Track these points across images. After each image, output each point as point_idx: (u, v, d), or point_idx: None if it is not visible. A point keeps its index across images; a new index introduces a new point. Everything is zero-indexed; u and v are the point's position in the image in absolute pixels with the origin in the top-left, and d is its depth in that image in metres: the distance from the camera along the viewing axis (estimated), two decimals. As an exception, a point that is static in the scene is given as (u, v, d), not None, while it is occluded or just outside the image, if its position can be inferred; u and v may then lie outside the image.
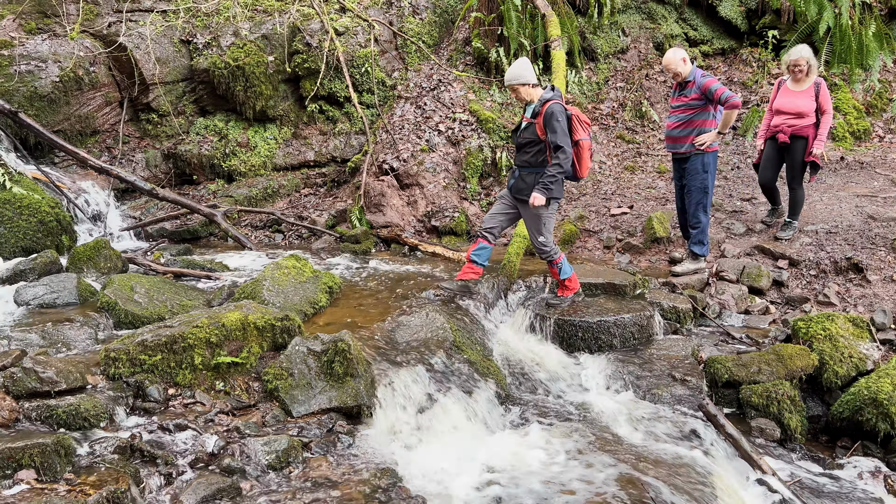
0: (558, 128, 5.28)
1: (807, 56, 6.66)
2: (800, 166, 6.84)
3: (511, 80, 5.47)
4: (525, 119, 5.61)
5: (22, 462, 3.22)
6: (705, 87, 6.08)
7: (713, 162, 6.35)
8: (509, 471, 4.06)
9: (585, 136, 5.50)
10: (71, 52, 9.25)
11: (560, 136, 5.28)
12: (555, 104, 5.34)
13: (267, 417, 4.05)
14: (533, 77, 5.46)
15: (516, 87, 5.47)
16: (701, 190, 6.38)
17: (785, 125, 6.77)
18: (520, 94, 5.49)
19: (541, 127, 5.38)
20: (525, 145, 5.55)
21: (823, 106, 6.63)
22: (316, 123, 10.38)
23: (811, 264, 6.53)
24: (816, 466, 4.54)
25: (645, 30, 11.27)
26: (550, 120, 5.30)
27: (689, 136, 6.29)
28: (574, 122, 5.43)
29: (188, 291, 5.72)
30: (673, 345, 5.57)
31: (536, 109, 5.44)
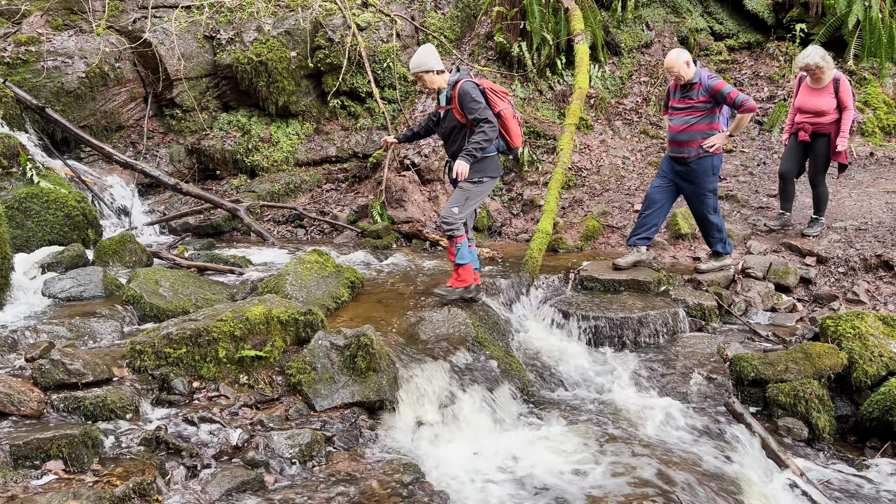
0: (476, 105, 5.04)
1: (816, 59, 6.51)
2: (822, 163, 6.73)
3: (415, 68, 5.21)
4: (441, 108, 5.36)
5: (50, 453, 3.26)
6: (715, 90, 5.81)
7: (720, 164, 6.16)
8: (532, 468, 4.03)
9: (506, 106, 5.22)
10: (97, 48, 9.35)
11: (481, 111, 5.03)
12: (465, 83, 5.10)
13: (290, 411, 4.06)
14: (438, 63, 5.19)
15: (421, 76, 5.21)
16: (712, 193, 6.16)
17: (806, 123, 6.70)
18: (426, 82, 5.22)
19: (459, 111, 5.15)
20: (451, 134, 5.31)
21: (844, 102, 6.50)
22: (338, 119, 10.40)
23: (840, 261, 6.42)
24: (845, 467, 4.46)
25: (669, 24, 11.14)
26: (465, 100, 5.06)
27: (696, 140, 6.00)
28: (490, 95, 5.16)
29: (212, 285, 5.75)
30: (698, 342, 5.50)
31: (449, 94, 5.20)
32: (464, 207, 5.24)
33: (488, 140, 5.06)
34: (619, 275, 6.18)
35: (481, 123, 5.04)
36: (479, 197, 5.33)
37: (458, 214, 5.21)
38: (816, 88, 6.63)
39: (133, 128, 9.94)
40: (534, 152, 9.02)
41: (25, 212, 6.61)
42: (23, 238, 6.44)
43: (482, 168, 5.23)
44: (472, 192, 5.27)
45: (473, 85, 5.10)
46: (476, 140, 5.04)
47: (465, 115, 5.12)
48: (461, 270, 5.39)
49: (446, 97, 5.23)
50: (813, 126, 6.65)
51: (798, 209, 7.61)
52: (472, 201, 5.31)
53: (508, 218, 8.61)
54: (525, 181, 8.91)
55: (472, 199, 5.29)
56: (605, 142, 9.54)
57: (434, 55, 5.20)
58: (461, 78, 5.14)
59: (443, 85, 5.24)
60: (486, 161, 5.25)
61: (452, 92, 5.14)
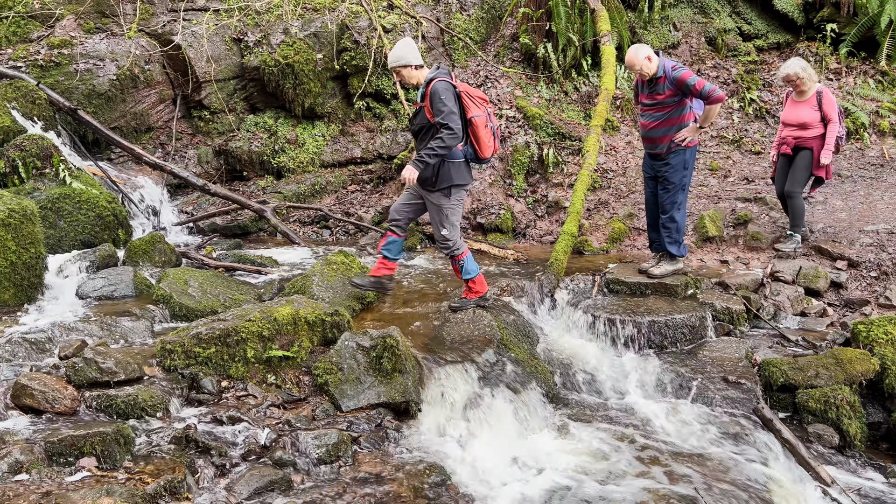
0: (443, 107, 4.79)
1: (796, 69, 6.41)
2: (801, 176, 6.54)
3: (393, 63, 5.00)
4: (415, 104, 5.18)
5: (84, 450, 3.32)
6: (681, 82, 5.54)
7: (693, 157, 5.91)
8: (557, 472, 4.02)
9: (480, 113, 4.97)
10: (127, 50, 9.49)
11: (446, 114, 4.78)
12: (438, 82, 4.86)
13: (317, 411, 4.09)
14: (416, 58, 4.97)
15: (399, 70, 5.00)
16: (680, 188, 5.92)
17: (790, 137, 6.57)
18: (403, 77, 5.03)
19: (429, 110, 4.91)
20: (420, 132, 5.07)
21: (828, 114, 6.37)
22: (363, 120, 10.45)
23: (872, 265, 6.31)
24: (877, 475, 4.39)
25: (697, 24, 11.03)
26: (434, 100, 4.83)
27: (667, 136, 5.80)
28: (465, 100, 4.93)
29: (240, 286, 5.82)
30: (726, 346, 5.44)
31: (422, 91, 4.98)
32: (449, 223, 5.09)
33: (445, 148, 4.82)
34: (645, 278, 6.13)
35: (442, 129, 4.82)
36: (455, 209, 5.13)
37: (450, 234, 5.10)
38: (800, 101, 6.53)
39: (162, 129, 10.08)
40: (559, 154, 8.99)
41: (58, 212, 6.73)
42: (55, 238, 6.57)
43: (448, 176, 5.01)
44: (446, 207, 5.08)
45: (447, 85, 4.87)
46: (431, 146, 4.82)
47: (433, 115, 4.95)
48: (472, 283, 5.35)
49: (421, 94, 5.03)
50: (796, 140, 6.53)
51: (829, 212, 7.49)
52: (453, 214, 5.12)
53: (533, 219, 8.59)
54: (550, 183, 8.88)
55: (452, 213, 5.10)
56: (631, 143, 9.47)
57: (413, 49, 5.01)
58: (437, 76, 4.92)
59: (420, 81, 5.03)
60: (454, 169, 5.02)
61: (426, 89, 4.93)
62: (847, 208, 7.52)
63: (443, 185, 5.02)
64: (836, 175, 8.52)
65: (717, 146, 9.51)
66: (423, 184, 5.07)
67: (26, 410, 3.68)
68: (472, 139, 5.05)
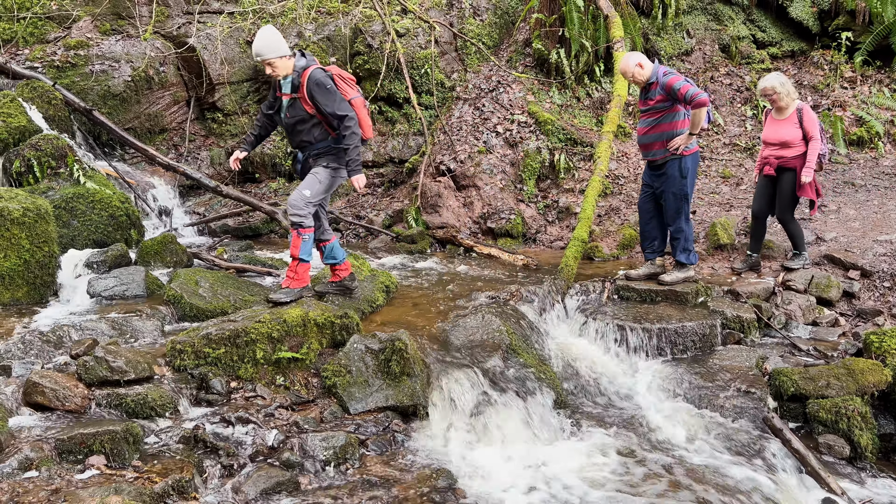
0: (332, 97, 4.68)
1: (775, 84, 6.22)
2: (788, 200, 6.36)
3: (267, 54, 4.71)
4: (284, 95, 4.89)
5: (93, 448, 3.34)
6: (668, 86, 5.51)
7: (693, 165, 5.82)
8: (564, 479, 4.01)
9: (356, 94, 4.91)
10: (142, 52, 9.57)
11: (337, 102, 4.71)
12: (315, 70, 4.72)
13: (325, 413, 4.10)
14: (286, 46, 4.77)
15: (273, 62, 4.74)
16: (680, 197, 5.83)
17: (772, 157, 6.36)
18: (276, 68, 4.77)
19: (307, 100, 4.75)
20: (296, 125, 4.89)
21: (809, 132, 6.15)
22: (375, 124, 10.48)
23: (885, 275, 6.26)
24: (888, 487, 4.33)
25: (710, 31, 11.00)
26: (318, 89, 4.68)
27: (659, 142, 5.76)
28: (339, 83, 4.82)
29: (250, 287, 5.84)
30: (736, 355, 5.40)
31: (296, 81, 4.78)
32: (314, 193, 4.90)
33: (357, 137, 4.78)
34: (656, 284, 6.11)
35: (343, 121, 4.73)
36: (332, 188, 5.03)
37: (310, 199, 4.88)
38: (780, 119, 6.31)
39: (175, 131, 10.15)
40: (570, 159, 8.98)
41: (72, 211, 6.79)
42: (69, 237, 6.62)
43: (338, 158, 4.95)
44: (323, 179, 4.93)
45: (324, 73, 4.76)
46: (353, 145, 4.77)
47: (316, 106, 4.76)
48: (300, 268, 5.04)
49: (292, 84, 4.82)
50: (778, 160, 6.31)
51: (842, 221, 7.44)
52: (324, 189, 4.97)
53: (543, 225, 8.58)
54: (561, 188, 8.87)
55: (323, 184, 4.94)
56: (642, 150, 9.45)
57: (281, 38, 4.78)
58: (310, 64, 4.76)
59: (290, 71, 4.81)
60: (340, 155, 4.94)
61: (301, 79, 4.75)
62: (860, 217, 7.47)
63: (333, 162, 4.98)
64: (850, 184, 8.46)
65: (730, 154, 9.47)
66: (317, 158, 4.99)
67: (37, 408, 3.71)
68: None
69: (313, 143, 4.94)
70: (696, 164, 5.90)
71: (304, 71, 4.74)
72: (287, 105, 4.89)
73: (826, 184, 8.50)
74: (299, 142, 4.99)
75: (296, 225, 4.90)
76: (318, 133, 4.91)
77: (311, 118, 4.82)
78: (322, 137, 4.94)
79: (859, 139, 9.16)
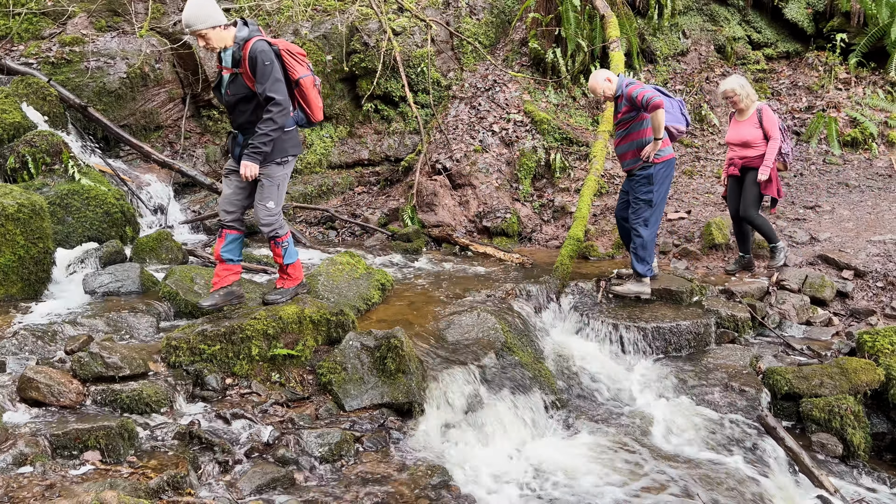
0: (268, 72, 4.19)
1: (734, 86, 6.33)
2: (752, 198, 6.39)
3: (198, 24, 4.17)
4: (225, 70, 4.40)
5: (88, 443, 3.34)
6: (629, 96, 5.57)
7: (664, 173, 5.78)
8: (557, 475, 4.02)
9: (306, 72, 4.45)
10: (138, 49, 9.54)
11: (271, 82, 4.20)
12: (258, 42, 4.23)
13: (320, 410, 4.10)
14: (223, 15, 4.25)
15: (205, 34, 4.21)
16: (644, 202, 5.78)
17: (736, 157, 6.47)
18: (211, 41, 4.25)
19: (250, 76, 4.27)
20: (238, 104, 4.40)
21: (769, 131, 6.26)
22: (371, 122, 10.48)
23: (878, 276, 6.29)
24: (881, 486, 4.37)
25: (706, 32, 11.03)
26: (257, 64, 4.18)
27: (630, 151, 5.81)
28: (287, 58, 4.36)
29: (245, 284, 5.82)
30: (730, 354, 5.43)
31: (237, 55, 4.28)
32: (278, 197, 4.53)
33: (277, 129, 4.30)
34: (651, 283, 6.12)
35: (269, 106, 4.24)
36: (286, 179, 4.61)
37: (276, 209, 4.52)
38: (741, 120, 6.43)
39: (171, 128, 10.12)
40: (566, 159, 9.00)
41: (67, 208, 6.77)
42: (63, 233, 6.60)
43: (283, 148, 4.47)
44: (277, 177, 4.50)
45: (267, 45, 4.27)
46: (264, 131, 4.26)
47: (256, 82, 4.27)
48: (290, 269, 4.77)
49: (233, 58, 4.32)
50: (742, 160, 6.42)
51: (836, 222, 7.48)
52: (283, 186, 4.58)
53: (539, 224, 8.59)
54: (556, 187, 8.89)
55: (282, 184, 4.56)
56: (638, 150, 9.48)
57: (214, 5, 4.25)
58: (252, 35, 4.28)
59: (229, 42, 4.32)
60: (287, 137, 4.48)
61: (242, 52, 4.26)
62: (854, 218, 7.50)
63: (277, 156, 4.46)
64: (844, 185, 8.50)
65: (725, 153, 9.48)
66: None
67: (32, 403, 3.70)
68: (301, 103, 4.54)
69: (256, 122, 4.38)
70: (668, 172, 5.84)
71: (245, 42, 4.24)
72: (228, 81, 4.39)
73: (820, 184, 8.54)
74: (242, 123, 4.45)
75: (272, 238, 4.60)
76: (262, 113, 4.35)
77: (255, 96, 4.34)
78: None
79: (853, 140, 9.20)
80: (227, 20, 4.27)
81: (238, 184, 4.58)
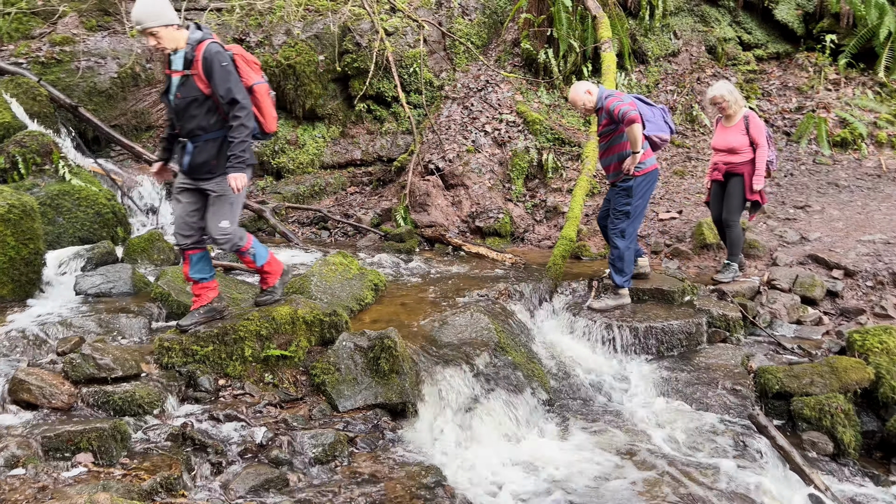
0: (227, 73, 4.05)
1: (723, 92, 6.29)
2: (735, 203, 6.33)
3: (149, 22, 3.97)
4: (175, 73, 4.15)
5: (80, 445, 3.33)
6: (607, 109, 5.53)
7: (645, 185, 5.74)
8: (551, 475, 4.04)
9: (260, 79, 4.30)
10: (129, 49, 9.50)
11: (233, 83, 4.06)
12: (212, 44, 4.08)
13: (314, 411, 4.10)
14: (174, 15, 4.08)
15: (156, 32, 4.01)
16: (622, 213, 5.76)
17: (721, 163, 6.42)
18: (163, 40, 4.05)
19: (203, 79, 4.08)
20: (188, 107, 4.13)
21: (755, 139, 6.19)
22: (363, 123, 10.48)
23: (868, 275, 6.34)
24: (870, 483, 4.40)
25: (697, 33, 11.08)
26: (213, 66, 4.03)
27: (612, 164, 5.79)
28: (240, 64, 4.21)
29: (238, 285, 5.82)
30: (721, 353, 5.46)
31: (190, 56, 4.09)
32: (233, 214, 4.32)
33: (249, 131, 4.14)
34: (643, 283, 6.16)
35: (235, 108, 4.08)
36: (243, 195, 4.37)
37: (231, 228, 4.29)
38: (728, 126, 6.38)
39: (162, 128, 10.07)
40: (558, 159, 9.02)
41: (57, 208, 6.74)
42: (54, 234, 6.57)
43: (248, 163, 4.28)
44: (234, 194, 4.27)
45: (222, 48, 4.13)
46: (240, 139, 4.11)
47: (212, 86, 4.09)
48: (267, 266, 4.62)
49: (185, 59, 4.11)
50: (726, 165, 6.36)
51: (826, 221, 7.53)
52: (238, 201, 4.37)
53: (531, 224, 8.61)
54: (549, 188, 8.91)
55: (237, 200, 4.34)
56: (630, 150, 9.51)
57: (169, 5, 4.10)
58: (206, 37, 4.13)
59: (181, 44, 4.13)
60: (245, 147, 4.23)
61: (195, 53, 4.08)
62: (844, 218, 7.56)
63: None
64: (834, 185, 8.56)
65: (716, 154, 9.54)
66: (196, 172, 4.23)
67: (23, 405, 3.68)
68: (255, 111, 4.28)
69: (208, 130, 4.17)
70: (650, 184, 5.80)
71: (199, 44, 4.09)
72: (178, 84, 4.14)
73: (810, 184, 8.60)
74: (192, 129, 4.17)
75: (236, 251, 4.40)
76: (214, 119, 4.17)
77: (207, 100, 4.12)
78: (218, 125, 4.20)
79: (843, 140, 9.27)
80: (178, 21, 4.10)
81: (193, 203, 4.30)
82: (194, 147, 4.19)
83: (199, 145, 4.18)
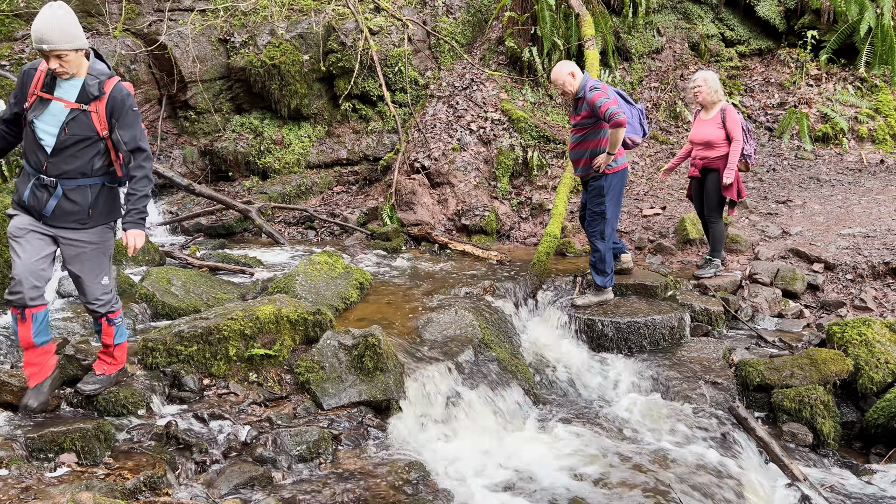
0: (136, 119, 3.60)
1: (702, 78, 6.23)
2: (714, 200, 6.30)
3: (57, 43, 3.32)
4: (66, 103, 3.49)
5: (64, 445, 3.34)
6: (591, 102, 5.30)
7: (617, 184, 5.63)
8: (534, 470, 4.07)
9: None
10: (113, 50, 9.47)
11: (140, 131, 3.63)
12: (122, 83, 3.61)
13: (298, 409, 4.12)
14: (84, 38, 3.48)
15: (65, 55, 3.38)
16: (598, 215, 5.65)
17: (697, 157, 6.36)
18: (68, 64, 3.42)
19: (102, 117, 3.52)
20: (73, 146, 3.50)
21: (731, 132, 6.11)
22: (349, 122, 10.49)
23: (848, 268, 6.42)
24: (850, 473, 4.47)
25: (680, 30, 11.16)
26: (124, 107, 3.54)
27: (583, 158, 5.63)
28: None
29: (223, 285, 5.83)
30: (704, 347, 5.52)
31: (95, 90, 3.50)
32: (109, 268, 3.83)
33: (151, 184, 3.74)
34: (626, 279, 6.21)
35: (141, 159, 3.65)
36: (113, 246, 3.88)
37: (111, 285, 3.83)
38: (705, 119, 6.30)
39: (147, 129, 10.07)
40: (543, 157, 9.07)
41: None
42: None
43: (115, 207, 3.79)
44: (109, 244, 3.81)
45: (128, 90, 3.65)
46: (142, 192, 3.67)
47: (115, 129, 3.56)
48: (117, 350, 3.92)
49: (83, 91, 3.51)
50: (703, 160, 6.29)
51: (807, 216, 7.61)
52: (111, 255, 3.86)
53: (517, 221, 8.66)
54: (534, 185, 8.96)
55: (110, 253, 3.84)
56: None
57: (78, 24, 3.47)
58: (113, 74, 3.64)
59: (82, 72, 3.52)
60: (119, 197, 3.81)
61: (104, 88, 3.53)
62: (825, 212, 7.65)
63: (109, 218, 3.76)
64: (816, 180, 8.65)
65: (700, 150, 9.62)
66: (61, 219, 3.58)
67: (6, 406, 3.68)
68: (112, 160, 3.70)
69: (88, 175, 3.58)
70: (621, 183, 5.70)
71: (108, 79, 3.57)
72: (67, 118, 3.48)
73: (792, 179, 8.69)
74: (68, 170, 3.52)
75: (106, 314, 3.79)
76: (99, 164, 3.60)
77: (100, 142, 3.56)
78: (102, 171, 3.63)
79: (824, 135, 9.37)
80: (87, 45, 3.50)
81: (43, 249, 3.58)
82: (64, 192, 3.54)
83: (71, 190, 3.55)
